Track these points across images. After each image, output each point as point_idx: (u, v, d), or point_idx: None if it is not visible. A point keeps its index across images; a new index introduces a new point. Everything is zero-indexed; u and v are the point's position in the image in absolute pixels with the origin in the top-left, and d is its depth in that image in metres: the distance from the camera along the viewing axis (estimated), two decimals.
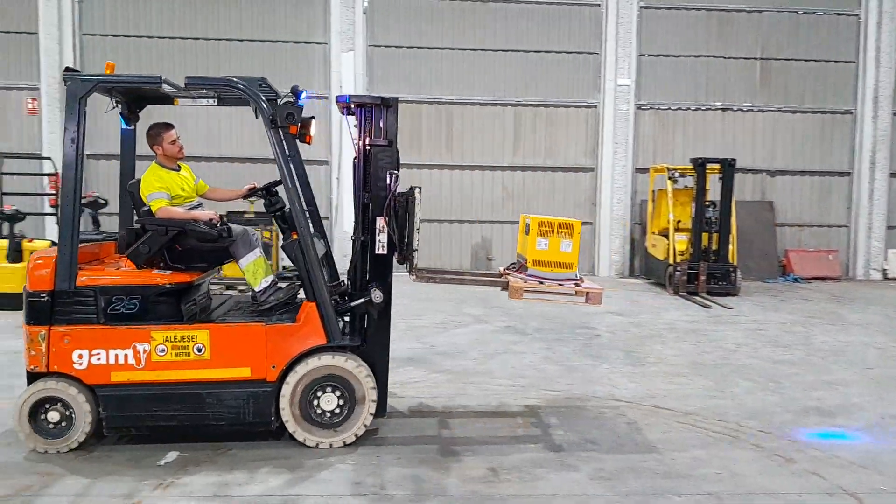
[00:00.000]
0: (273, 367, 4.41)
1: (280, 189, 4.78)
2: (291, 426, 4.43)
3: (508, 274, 5.09)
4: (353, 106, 4.65)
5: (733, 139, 13.98)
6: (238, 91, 4.46)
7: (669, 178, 11.76)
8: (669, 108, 13.91)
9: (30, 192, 10.86)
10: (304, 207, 4.72)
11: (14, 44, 12.85)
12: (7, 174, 10.49)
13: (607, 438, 4.76)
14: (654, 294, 11.35)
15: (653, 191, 12.62)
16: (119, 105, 4.97)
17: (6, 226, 9.18)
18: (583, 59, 13.69)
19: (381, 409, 4.70)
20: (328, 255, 5.08)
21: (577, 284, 4.93)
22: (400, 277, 4.76)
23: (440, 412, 5.24)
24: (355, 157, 4.66)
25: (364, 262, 4.66)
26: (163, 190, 4.60)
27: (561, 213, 13.74)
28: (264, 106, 4.38)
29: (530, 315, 9.18)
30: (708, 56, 13.86)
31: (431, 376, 6.22)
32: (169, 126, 4.82)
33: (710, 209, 11.35)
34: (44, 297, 4.26)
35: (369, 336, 4.68)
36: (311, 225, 4.77)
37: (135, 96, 5.01)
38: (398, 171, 4.63)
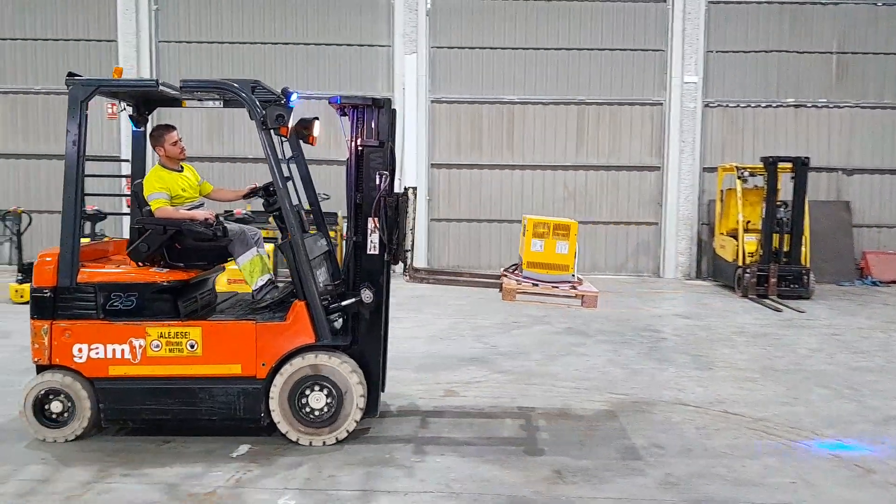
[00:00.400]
0: (263, 364, 4.47)
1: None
2: (281, 423, 4.47)
3: (505, 275, 5.04)
4: (346, 107, 4.69)
5: (806, 137, 13.45)
6: (230, 93, 4.58)
7: (739, 178, 11.40)
8: (738, 106, 13.50)
9: (109, 194, 11.40)
10: (295, 207, 4.69)
11: (95, 52, 13.48)
12: (89, 176, 10.98)
13: (675, 443, 4.67)
14: (721, 297, 11.04)
15: (721, 190, 12.27)
16: (127, 108, 5.14)
17: (88, 225, 9.63)
18: (648, 57, 13.43)
19: (373, 408, 4.71)
20: (330, 254, 5.15)
21: (573, 287, 4.83)
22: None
23: (502, 412, 5.24)
24: (348, 158, 4.69)
25: (357, 263, 4.68)
26: (163, 190, 4.74)
27: (625, 214, 13.58)
28: (255, 108, 4.48)
29: (593, 317, 9.05)
30: (780, 51, 13.37)
31: (493, 376, 6.23)
32: (170, 128, 4.96)
33: (782, 209, 10.96)
34: (47, 293, 4.44)
35: (361, 336, 4.67)
36: (305, 224, 4.92)
37: (144, 100, 5.15)
38: (393, 171, 4.68)
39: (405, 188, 4.77)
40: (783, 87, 13.45)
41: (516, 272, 4.98)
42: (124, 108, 5.15)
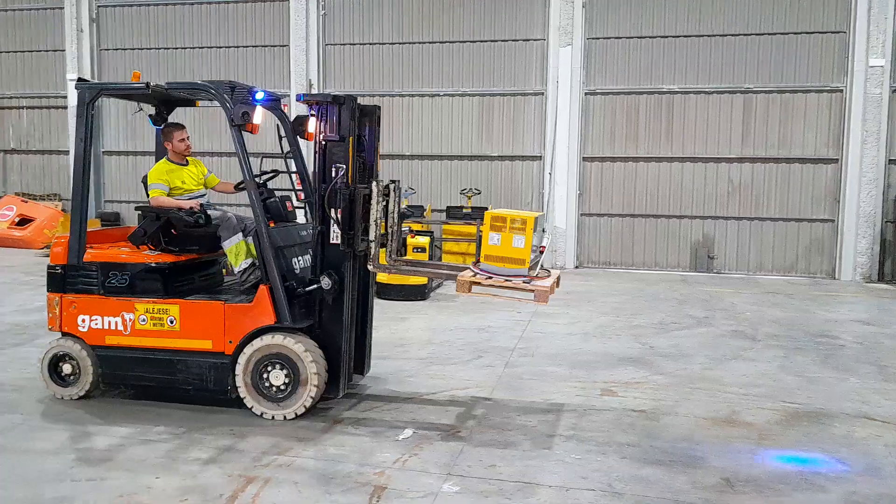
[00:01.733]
0: (230, 341, 4.86)
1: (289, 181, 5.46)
2: (245, 396, 4.83)
3: (469, 268, 4.93)
4: (311, 104, 4.87)
5: None
6: (207, 93, 5.02)
7: None
8: None
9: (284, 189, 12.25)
10: (261, 198, 4.97)
11: (269, 56, 14.56)
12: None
13: (859, 460, 4.30)
14: None
15: None
16: (141, 109, 5.64)
17: None
18: (826, 39, 12.35)
19: (334, 388, 4.93)
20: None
21: (525, 281, 4.68)
22: (610, 276, 4.68)
23: (664, 415, 5.07)
24: (315, 152, 4.88)
25: (322, 251, 4.87)
26: (161, 182, 5.34)
27: (797, 209, 12.61)
28: (227, 106, 4.84)
29: (761, 320, 8.53)
30: None
31: (653, 378, 6.04)
32: (180, 126, 5.55)
33: None
34: (58, 270, 5.12)
35: (324, 319, 4.89)
36: (292, 215, 5.29)
37: (163, 100, 5.65)
38: (372, 165, 5.04)
39: (390, 181, 4.97)
40: None
41: (476, 265, 4.91)
42: (140, 109, 5.68)
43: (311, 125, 4.97)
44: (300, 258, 5.14)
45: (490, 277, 4.71)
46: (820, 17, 12.32)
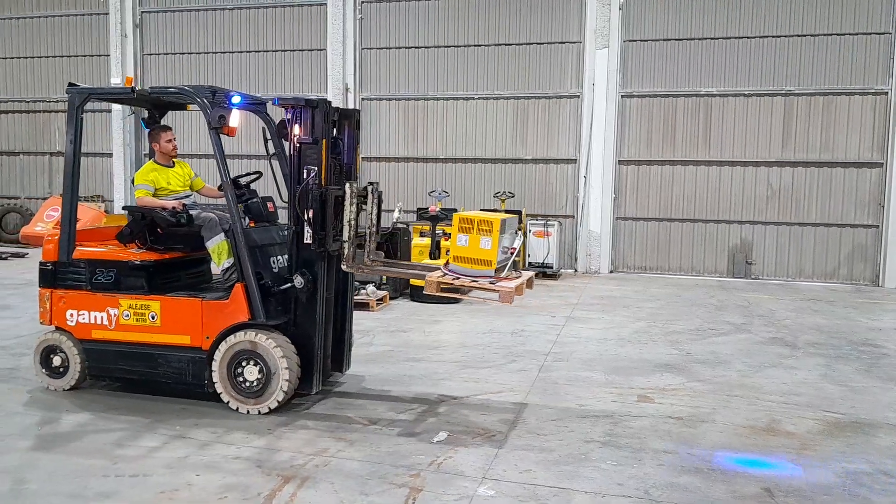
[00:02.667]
0: (207, 337, 5.01)
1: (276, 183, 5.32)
2: (222, 392, 4.97)
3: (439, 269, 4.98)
4: (287, 107, 4.94)
5: None
6: (188, 97, 5.16)
7: None
8: None
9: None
10: (242, 199, 5.23)
11: (306, 60, 14.74)
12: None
13: None
14: None
15: None
16: (134, 112, 5.80)
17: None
18: (870, 41, 12.06)
19: (308, 384, 5.04)
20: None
21: (491, 282, 4.70)
22: (646, 281, 4.62)
23: (702, 423, 5.01)
24: (290, 154, 5.00)
25: (298, 251, 4.96)
26: (146, 182, 5.52)
27: (839, 214, 12.34)
28: (206, 111, 4.97)
29: (802, 327, 8.36)
30: None
31: (690, 385, 5.96)
32: (167, 128, 5.76)
33: None
34: (49, 267, 5.31)
35: (298, 317, 5.00)
36: (273, 216, 5.45)
37: (156, 104, 5.81)
38: (349, 168, 5.15)
39: (368, 183, 5.06)
40: None
41: (447, 266, 4.96)
42: (133, 113, 5.85)
43: (296, 129, 5.08)
44: (278, 257, 5.26)
45: (458, 278, 4.82)
46: (864, 18, 12.04)
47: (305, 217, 4.91)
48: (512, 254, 4.95)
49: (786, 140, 12.56)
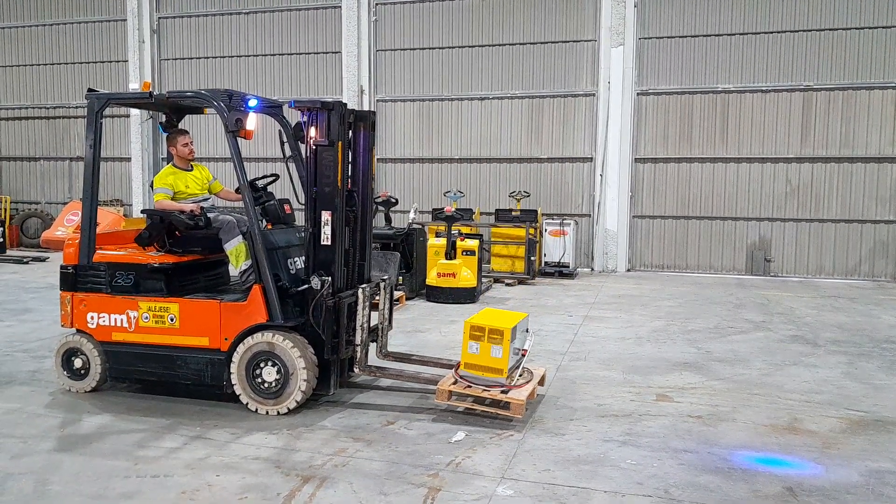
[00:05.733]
0: (226, 339, 5.03)
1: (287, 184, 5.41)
2: (239, 392, 5.00)
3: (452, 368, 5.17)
4: (302, 110, 4.95)
5: None
6: (205, 101, 5.20)
7: None
8: None
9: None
10: (259, 201, 5.22)
11: (322, 63, 14.81)
12: None
13: None
14: None
15: None
16: (152, 117, 5.84)
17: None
18: (890, 35, 11.91)
19: (325, 385, 5.06)
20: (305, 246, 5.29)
21: (503, 392, 4.83)
22: (663, 279, 4.59)
23: (722, 422, 4.96)
24: (307, 156, 5.02)
25: (315, 252, 4.99)
26: (165, 186, 5.53)
27: (860, 210, 12.19)
28: (223, 114, 4.97)
29: (823, 325, 8.26)
30: None
31: (710, 384, 5.91)
32: (184, 132, 5.77)
33: None
34: (70, 270, 5.38)
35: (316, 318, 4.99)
36: (290, 218, 5.42)
37: (172, 108, 5.84)
38: (371, 172, 5.18)
39: (381, 279, 5.36)
40: None
41: (457, 371, 5.06)
42: (150, 117, 5.89)
43: (312, 131, 5.11)
44: (296, 259, 5.28)
45: (469, 386, 4.91)
46: (883, 13, 11.89)
47: (330, 218, 4.95)
48: (524, 355, 5.12)
49: (804, 136, 12.43)
